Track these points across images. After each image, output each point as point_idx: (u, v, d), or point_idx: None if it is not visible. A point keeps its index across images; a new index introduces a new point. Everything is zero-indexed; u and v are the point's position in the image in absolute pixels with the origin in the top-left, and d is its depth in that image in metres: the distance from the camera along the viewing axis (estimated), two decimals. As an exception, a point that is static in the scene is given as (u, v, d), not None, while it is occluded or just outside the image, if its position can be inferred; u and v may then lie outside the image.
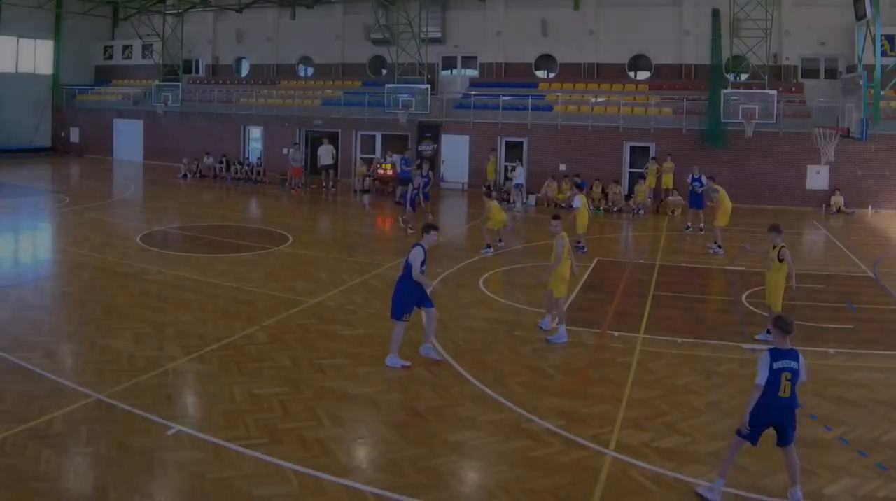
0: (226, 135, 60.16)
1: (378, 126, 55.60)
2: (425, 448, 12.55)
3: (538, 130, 50.56)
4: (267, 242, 30.28)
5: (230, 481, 11.18)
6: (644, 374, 16.42)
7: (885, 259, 30.17)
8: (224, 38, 68.23)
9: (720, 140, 46.33)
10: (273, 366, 16.14)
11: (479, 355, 17.45)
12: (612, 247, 31.59)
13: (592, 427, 13.54)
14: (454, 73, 61.18)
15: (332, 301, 21.77)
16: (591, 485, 11.47)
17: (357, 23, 61.76)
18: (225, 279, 23.85)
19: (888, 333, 19.98)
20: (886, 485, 11.55)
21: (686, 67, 53.60)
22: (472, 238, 33.04)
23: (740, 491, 11.39)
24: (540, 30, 56.69)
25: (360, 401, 14.44)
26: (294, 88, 62.13)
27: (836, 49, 50.29)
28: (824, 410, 14.49)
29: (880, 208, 44.40)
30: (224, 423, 13.14)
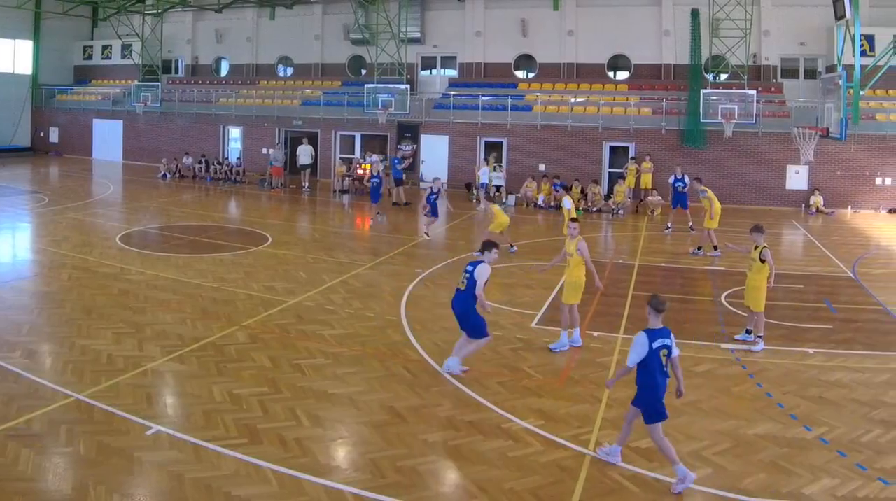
0: (205, 136, 60.14)
1: (357, 126, 55.59)
2: (405, 447, 12.57)
3: (517, 130, 50.66)
4: (246, 242, 30.27)
5: (209, 481, 11.16)
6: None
7: (864, 259, 30.29)
8: (203, 38, 68.14)
9: (699, 140, 46.49)
10: (252, 366, 16.14)
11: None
12: (592, 248, 31.29)
13: (572, 427, 13.58)
14: (433, 73, 61.28)
15: (311, 301, 21.77)
16: (571, 485, 11.51)
17: (336, 23, 61.85)
18: (204, 279, 23.86)
19: (867, 333, 20.04)
20: (866, 485, 11.60)
21: (665, 67, 53.86)
22: (451, 238, 33.02)
23: (720, 491, 11.44)
24: (519, 30, 56.82)
25: (339, 401, 14.45)
26: (273, 88, 62.13)
27: (815, 49, 50.58)
28: (804, 410, 14.57)
29: (860, 208, 44.63)
30: (203, 423, 13.14)
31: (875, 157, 44.53)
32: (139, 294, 21.91)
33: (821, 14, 46.40)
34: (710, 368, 17.05)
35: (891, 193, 44.85)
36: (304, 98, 58.83)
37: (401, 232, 34.56)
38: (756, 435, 13.36)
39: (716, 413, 14.30)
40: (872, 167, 44.69)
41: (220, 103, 60.36)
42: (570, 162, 48.22)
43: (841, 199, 44.94)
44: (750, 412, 14.44)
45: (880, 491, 11.43)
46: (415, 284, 23.96)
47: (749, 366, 17.16)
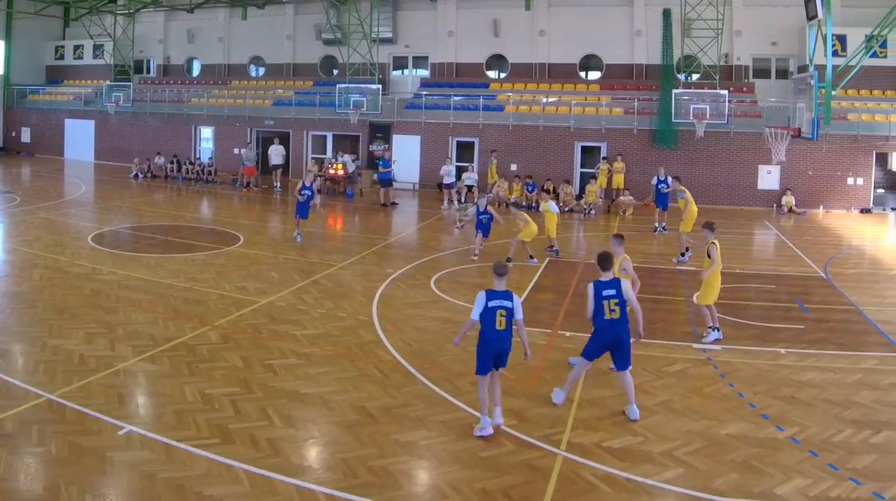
0: (177, 135, 60.05)
1: (329, 126, 55.63)
2: (376, 448, 12.56)
3: (489, 130, 50.79)
4: (218, 242, 30.22)
5: (181, 481, 11.13)
6: (595, 374, 16.46)
7: (836, 259, 30.43)
8: (175, 38, 68.00)
9: (671, 140, 46.73)
10: (224, 366, 16.10)
11: (430, 355, 17.50)
12: (564, 248, 31.57)
13: (544, 427, 13.58)
14: (405, 73, 61.43)
15: (283, 301, 21.75)
16: (543, 485, 11.51)
17: (308, 23, 61.88)
18: (176, 279, 23.78)
19: (839, 333, 20.13)
20: (838, 485, 11.63)
21: (637, 67, 54.09)
22: (423, 238, 33.00)
23: (691, 491, 11.47)
24: (491, 30, 56.98)
25: (311, 401, 14.42)
26: (245, 88, 62.05)
27: (787, 49, 50.97)
28: (776, 410, 14.61)
29: (831, 208, 44.90)
30: (175, 423, 13.10)
31: (847, 157, 44.80)
32: (111, 294, 21.82)
33: (793, 14, 46.78)
34: (681, 368, 17.08)
35: (862, 193, 45.18)
36: (276, 98, 58.80)
37: (373, 232, 34.56)
38: (728, 435, 13.37)
39: (688, 413, 14.32)
40: (844, 167, 44.97)
41: (191, 103, 60.24)
42: (542, 162, 48.32)
43: (813, 199, 45.20)
44: (722, 412, 14.45)
45: (852, 491, 11.47)
46: (386, 284, 23.95)
47: (721, 366, 17.20)
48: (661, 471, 12.01)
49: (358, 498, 10.91)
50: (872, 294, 24.72)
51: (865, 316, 21.76)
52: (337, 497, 10.92)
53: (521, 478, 11.71)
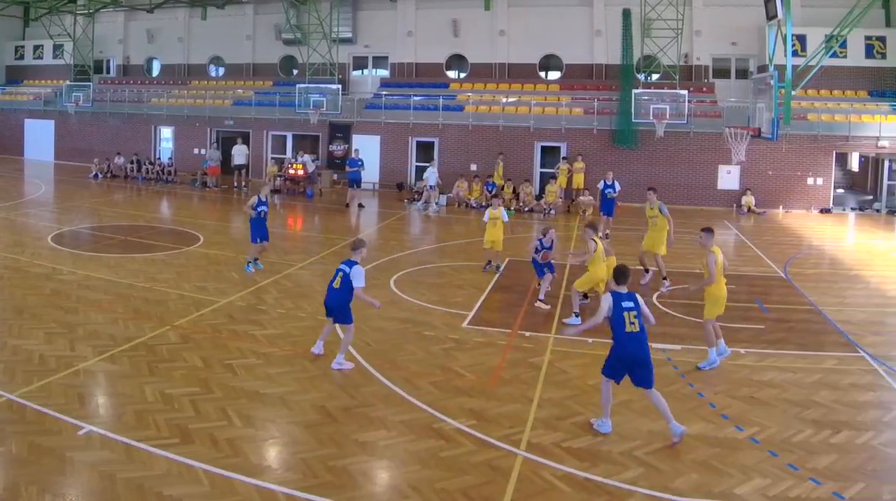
0: (137, 135, 59.65)
1: (289, 126, 55.49)
2: (336, 447, 12.58)
3: (449, 130, 50.84)
4: (178, 242, 30.16)
5: (141, 481, 11.11)
6: (555, 374, 16.56)
7: (796, 259, 30.63)
8: (135, 38, 67.55)
9: (631, 140, 46.88)
10: (184, 366, 16.09)
11: (389, 355, 17.54)
12: (524, 248, 31.69)
13: (504, 427, 13.63)
14: (365, 73, 61.45)
15: (242, 301, 21.78)
16: (503, 485, 11.56)
17: (268, 23, 61.72)
18: (136, 279, 23.72)
19: (799, 333, 20.29)
20: (798, 485, 11.72)
21: (597, 67, 54.37)
22: (383, 238, 32.95)
23: (651, 491, 11.53)
24: (451, 30, 57.02)
25: (270, 401, 14.44)
26: (205, 88, 61.76)
27: (746, 49, 51.39)
28: (735, 410, 14.72)
29: (791, 208, 45.20)
30: (135, 423, 13.07)
31: (807, 157, 45.14)
32: (71, 294, 21.75)
33: (752, 14, 46.98)
34: (641, 368, 17.09)
35: (822, 193, 45.51)
36: (236, 98, 58.59)
37: (333, 232, 34.54)
38: (688, 435, 13.40)
39: (648, 412, 14.31)
40: (804, 167, 45.30)
41: (151, 103, 59.88)
42: (503, 161, 48.18)
43: (773, 199, 45.50)
44: (682, 412, 14.41)
45: (812, 491, 11.56)
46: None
47: (681, 366, 17.29)
48: (621, 471, 12.08)
49: (318, 498, 10.93)
50: (832, 294, 24.92)
51: (825, 316, 21.95)
52: (297, 497, 10.94)
53: (480, 478, 11.75)
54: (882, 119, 45.01)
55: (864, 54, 48.13)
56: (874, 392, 15.95)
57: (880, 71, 48.38)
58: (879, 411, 14.84)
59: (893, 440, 13.48)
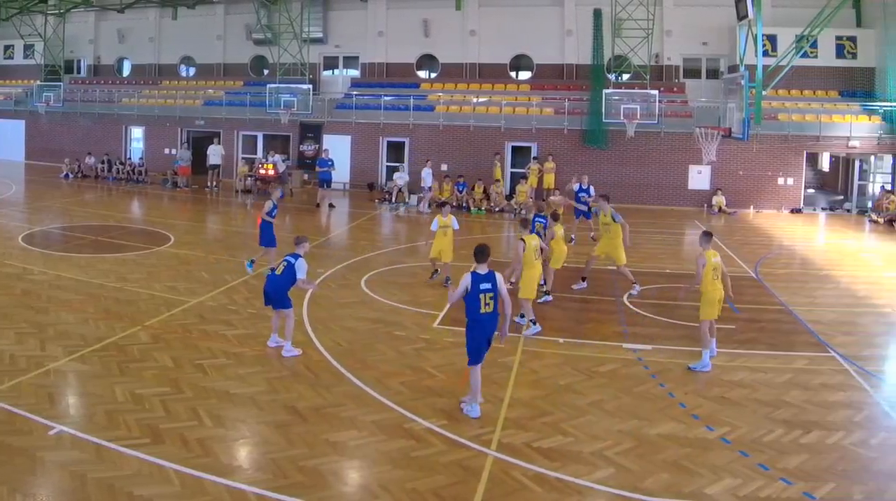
0: (108, 136, 59.34)
1: (260, 126, 55.39)
2: (307, 448, 12.58)
3: (420, 130, 50.83)
4: (149, 242, 30.05)
5: (112, 481, 11.09)
6: (526, 374, 16.64)
7: (766, 259, 30.75)
8: (106, 38, 67.15)
9: (601, 140, 47.03)
10: (155, 366, 16.04)
11: (360, 355, 17.51)
12: (495, 248, 31.60)
13: (474, 427, 13.66)
14: (336, 74, 61.26)
15: (213, 301, 21.74)
16: (473, 485, 11.58)
17: (239, 23, 61.52)
18: (107, 279, 23.64)
19: (770, 333, 20.39)
20: (768, 485, 11.77)
21: (568, 67, 54.35)
22: (353, 238, 32.89)
23: (622, 491, 11.57)
24: (421, 30, 56.98)
25: (241, 401, 14.41)
26: (176, 88, 61.41)
27: (717, 49, 51.60)
28: (706, 410, 14.76)
29: (762, 208, 45.39)
30: (106, 423, 13.04)
31: (777, 157, 45.35)
32: (42, 294, 21.65)
33: (723, 14, 47.11)
34: (612, 368, 17.20)
35: (793, 193, 45.77)
36: (207, 98, 58.35)
37: (303, 232, 34.26)
38: (658, 435, 13.51)
39: (618, 412, 14.44)
40: (775, 167, 45.51)
41: (122, 103, 59.54)
42: (473, 162, 48.19)
43: (743, 199, 45.68)
44: (652, 412, 14.58)
45: (782, 491, 11.62)
46: (316, 284, 23.91)
47: (651, 366, 17.35)
48: (591, 471, 12.11)
49: (288, 498, 10.93)
50: (803, 294, 25.06)
51: (796, 316, 22.07)
52: (267, 497, 10.94)
53: (451, 478, 11.77)
54: (852, 119, 45.34)
55: (834, 54, 48.35)
56: (844, 392, 16.02)
57: (851, 71, 48.63)
58: (850, 411, 14.89)
59: (864, 440, 13.53)
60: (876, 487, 11.86)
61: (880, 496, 11.63)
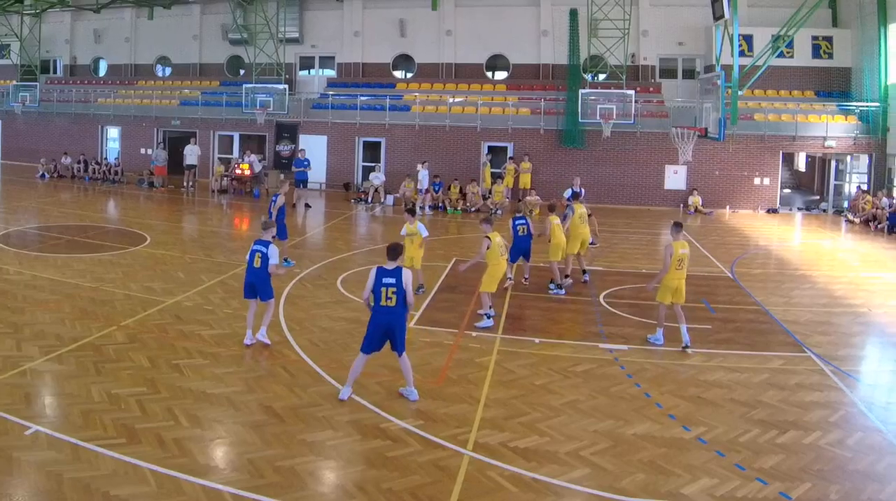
0: (84, 135, 59.10)
1: (236, 126, 55.28)
2: (283, 448, 12.58)
3: (396, 130, 50.82)
4: (125, 242, 29.90)
5: (88, 481, 11.06)
6: (502, 374, 16.61)
7: (743, 259, 30.83)
8: (82, 38, 66.83)
9: (578, 140, 47.18)
10: (131, 366, 15.98)
11: (336, 355, 17.52)
12: (470, 247, 31.70)
13: (450, 427, 13.67)
14: (312, 74, 61.10)
15: (189, 301, 21.68)
16: (449, 485, 11.59)
17: (215, 23, 61.37)
18: (83, 279, 23.55)
19: (746, 333, 20.43)
20: (745, 485, 11.81)
21: (544, 67, 54.41)
22: (329, 238, 32.81)
23: (598, 491, 11.60)
24: (398, 30, 56.91)
25: (217, 401, 14.39)
26: (152, 88, 61.11)
27: (693, 49, 51.77)
28: (682, 410, 14.79)
29: (738, 208, 45.59)
30: (82, 423, 13.00)
31: (753, 158, 45.60)
32: (17, 294, 21.54)
33: (699, 14, 47.45)
34: (588, 368, 17.20)
35: (769, 193, 46.00)
36: (183, 98, 58.11)
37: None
38: (635, 435, 13.53)
39: (594, 413, 14.45)
40: (751, 167, 45.75)
41: (98, 103, 59.21)
42: (449, 162, 48.29)
43: (719, 199, 45.89)
44: (628, 412, 14.60)
45: (758, 491, 11.65)
46: (293, 284, 23.91)
47: (627, 366, 17.37)
48: (567, 471, 12.13)
49: (264, 498, 10.92)
50: (779, 294, 25.16)
51: (772, 316, 22.13)
52: (243, 497, 10.93)
53: (427, 478, 11.77)
54: (829, 119, 45.59)
55: (810, 54, 48.61)
56: (821, 392, 16.05)
57: (827, 71, 48.88)
58: (826, 411, 14.93)
59: (840, 440, 13.57)
60: (852, 487, 11.88)
61: (856, 496, 11.65)
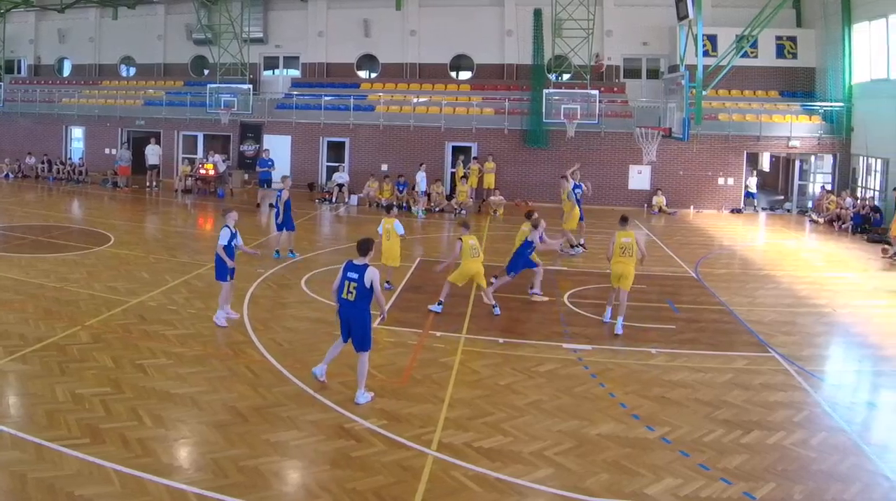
0: (48, 136, 58.60)
1: (200, 126, 54.97)
2: (247, 447, 12.57)
3: (360, 130, 50.72)
4: (89, 242, 29.78)
5: (52, 481, 11.03)
6: (466, 374, 16.66)
7: (707, 259, 30.97)
8: (46, 38, 66.31)
9: (542, 140, 47.25)
10: (95, 366, 15.94)
11: (301, 355, 17.49)
12: (435, 247, 31.76)
13: (415, 427, 13.70)
14: (276, 74, 61.00)
15: (153, 301, 21.61)
16: (414, 485, 11.61)
17: (179, 23, 61.05)
18: (47, 279, 23.46)
19: (710, 333, 20.51)
20: (709, 485, 11.87)
21: (508, 67, 54.56)
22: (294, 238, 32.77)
23: (562, 491, 11.63)
24: (362, 30, 56.86)
25: (181, 401, 14.36)
26: (116, 88, 60.80)
27: (657, 49, 52.02)
28: (646, 410, 14.86)
29: (702, 208, 45.81)
30: (46, 423, 12.97)
31: (717, 157, 45.83)
32: (-20, 294, 21.37)
33: (663, 14, 47.51)
34: (552, 368, 17.26)
35: (733, 193, 46.27)
36: (147, 98, 57.78)
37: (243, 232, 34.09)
38: (599, 435, 13.58)
39: (558, 413, 14.52)
40: (715, 167, 45.99)
41: (62, 103, 58.73)
42: (413, 162, 47.73)
43: (683, 199, 46.11)
44: (592, 412, 14.65)
45: (723, 491, 11.72)
46: (257, 284, 23.91)
47: (592, 366, 17.41)
48: (531, 471, 12.17)
49: (228, 498, 10.90)
50: (743, 294, 25.28)
51: (736, 316, 22.24)
52: (207, 497, 10.91)
53: (391, 478, 11.79)
54: (793, 119, 45.92)
55: (774, 54, 48.94)
56: (785, 392, 16.16)
57: (791, 71, 49.21)
58: (790, 411, 15.04)
59: (804, 440, 13.67)
60: (816, 487, 11.97)
61: (820, 496, 11.74)
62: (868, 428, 14.57)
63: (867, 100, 43.16)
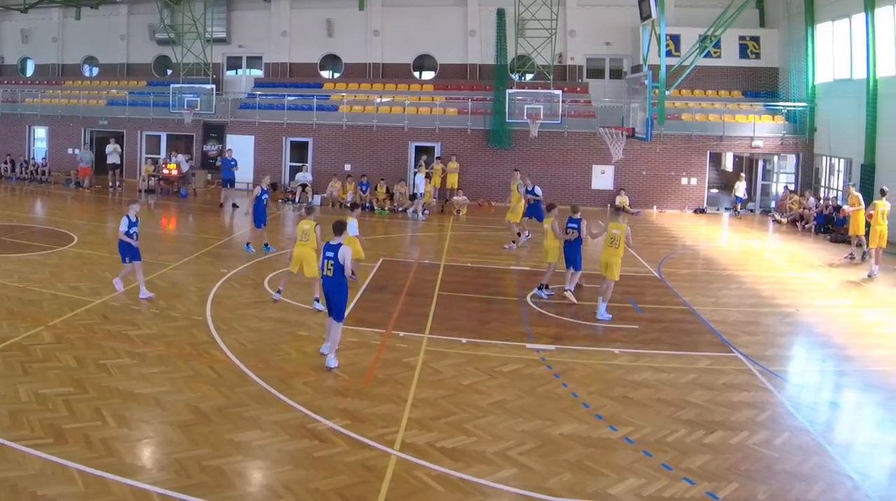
0: (11, 136, 58.10)
1: (163, 126, 54.58)
2: (210, 448, 12.54)
3: (323, 130, 50.65)
4: (52, 242, 29.64)
5: (15, 481, 11.01)
6: (429, 374, 16.68)
7: (670, 259, 31.11)
8: (9, 37, 65.79)
9: (505, 140, 47.31)
10: (58, 366, 15.88)
11: (264, 355, 17.52)
12: (398, 247, 31.77)
13: (378, 427, 13.71)
14: (239, 73, 61.02)
15: (116, 301, 21.55)
16: (377, 485, 11.62)
17: (142, 23, 60.77)
18: (10, 279, 23.35)
19: (673, 333, 20.62)
20: (672, 485, 11.92)
21: (471, 67, 54.90)
22: (257, 238, 32.61)
23: (525, 491, 11.67)
24: (325, 30, 56.93)
25: (145, 401, 14.32)
26: (79, 88, 60.37)
27: (620, 49, 52.40)
28: (609, 410, 14.90)
29: (665, 208, 46.02)
30: (9, 423, 12.92)
31: (680, 157, 46.09)
32: (-58, 295, 21.23)
33: (626, 14, 47.83)
34: (515, 368, 17.30)
35: (696, 193, 46.55)
36: (110, 98, 57.42)
37: (207, 232, 34.27)
38: (562, 435, 13.62)
39: (521, 413, 14.56)
40: (678, 167, 46.23)
41: (25, 103, 58.26)
42: (376, 161, 48.29)
43: (647, 199, 46.35)
44: (555, 412, 14.70)
45: (685, 491, 11.77)
46: (220, 284, 23.88)
47: (555, 366, 17.46)
48: (494, 471, 12.20)
49: (192, 498, 10.87)
50: (706, 294, 25.43)
51: (699, 316, 22.37)
52: (171, 497, 10.88)
53: (354, 478, 11.79)
54: (756, 119, 46.30)
55: (738, 54, 49.37)
56: (748, 392, 16.26)
57: (754, 71, 49.65)
58: (753, 411, 15.13)
59: (767, 440, 13.75)
60: (779, 487, 12.04)
61: (783, 495, 11.81)
62: (831, 428, 14.68)
63: (830, 100, 43.52)
